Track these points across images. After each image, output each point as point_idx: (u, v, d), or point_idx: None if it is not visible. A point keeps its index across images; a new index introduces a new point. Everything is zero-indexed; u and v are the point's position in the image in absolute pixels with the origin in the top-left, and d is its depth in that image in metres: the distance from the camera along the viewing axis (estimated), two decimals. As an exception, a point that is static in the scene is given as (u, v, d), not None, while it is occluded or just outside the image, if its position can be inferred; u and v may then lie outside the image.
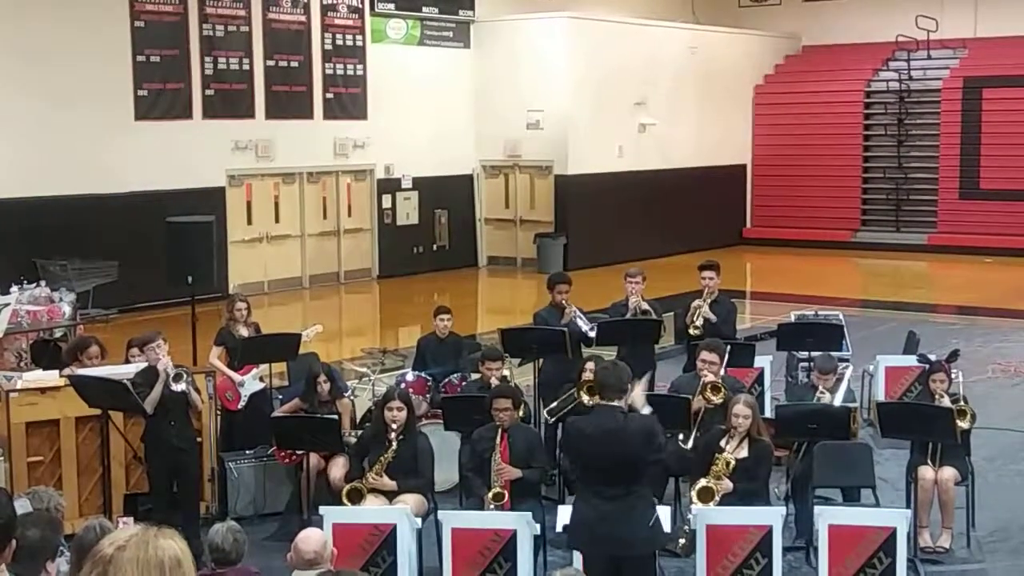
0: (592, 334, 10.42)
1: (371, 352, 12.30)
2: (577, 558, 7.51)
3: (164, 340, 8.74)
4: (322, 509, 7.77)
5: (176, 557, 3.05)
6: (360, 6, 21.60)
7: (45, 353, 12.06)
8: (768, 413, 9.82)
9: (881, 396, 11.20)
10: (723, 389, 8.76)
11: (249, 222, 20.39)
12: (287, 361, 10.95)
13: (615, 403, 6.61)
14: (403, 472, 8.26)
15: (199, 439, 9.09)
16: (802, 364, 11.35)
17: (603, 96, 23.32)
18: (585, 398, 9.11)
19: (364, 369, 11.48)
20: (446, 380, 10.46)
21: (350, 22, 21.49)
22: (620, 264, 15.71)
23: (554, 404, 9.61)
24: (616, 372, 6.77)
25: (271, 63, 20.26)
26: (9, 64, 16.85)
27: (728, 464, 7.84)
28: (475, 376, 10.15)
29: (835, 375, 9.37)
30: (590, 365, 9.30)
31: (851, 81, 26.58)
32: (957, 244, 24.23)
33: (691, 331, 10.69)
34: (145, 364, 8.79)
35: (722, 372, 9.20)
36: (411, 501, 8.11)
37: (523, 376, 11.05)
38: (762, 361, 11.16)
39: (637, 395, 6.84)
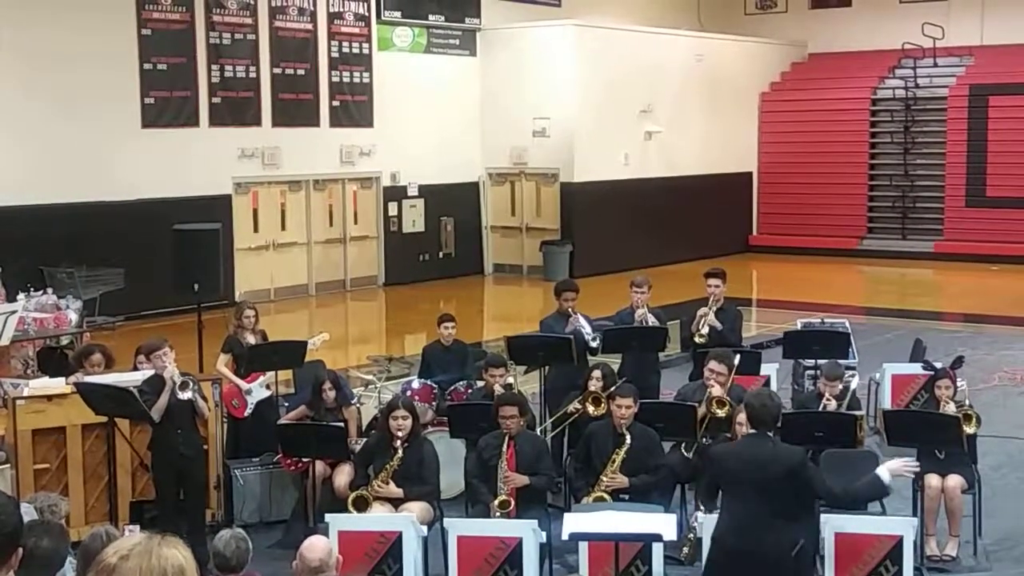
0: (595, 344, 10.40)
1: (377, 360, 12.30)
2: (583, 564, 7.52)
3: (170, 348, 8.75)
4: (328, 516, 7.78)
5: (179, 566, 3.05)
6: (366, 14, 21.64)
7: (52, 360, 12.05)
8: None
9: (887, 404, 11.18)
10: (728, 403, 8.72)
11: (255, 229, 20.42)
12: (293, 369, 10.95)
13: (768, 434, 6.67)
14: (409, 480, 8.27)
15: (205, 446, 9.10)
16: (808, 372, 11.33)
17: (609, 104, 23.34)
18: (590, 408, 9.10)
19: (370, 377, 11.48)
20: (452, 388, 10.45)
21: (356, 30, 21.52)
22: (626, 272, 15.71)
23: (554, 417, 9.60)
24: (771, 409, 6.72)
25: (278, 71, 20.30)
26: (16, 71, 16.89)
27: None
28: (480, 383, 10.15)
29: (842, 382, 9.36)
30: (596, 374, 9.31)
31: (857, 89, 26.57)
32: (963, 252, 24.21)
33: (696, 339, 10.67)
34: (151, 371, 8.80)
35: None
36: (417, 509, 8.11)
37: (529, 383, 11.05)
38: (768, 369, 11.13)
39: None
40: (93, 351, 9.80)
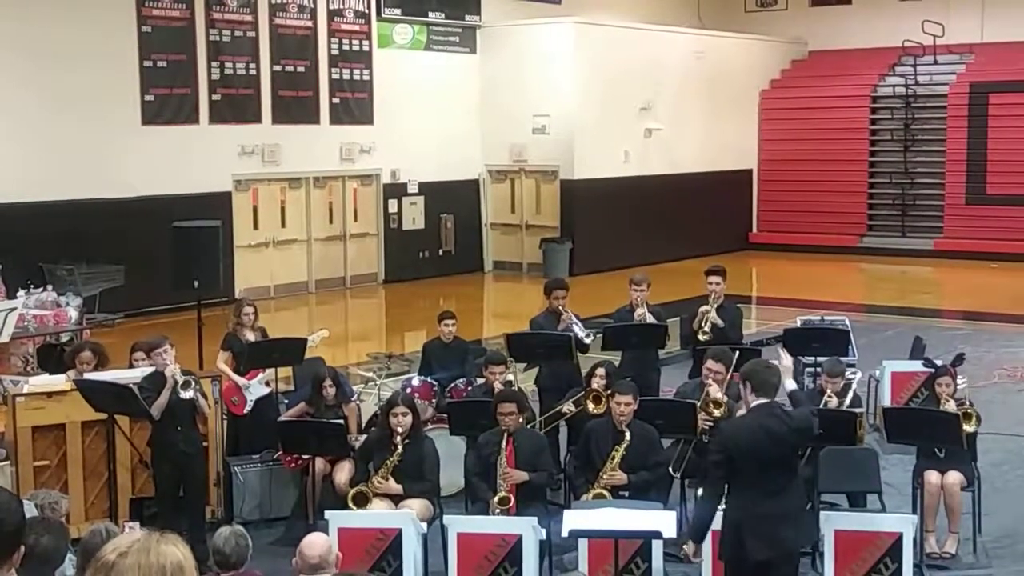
0: (588, 341, 10.40)
1: (377, 357, 12.29)
2: (583, 561, 7.52)
3: (171, 345, 8.75)
4: (328, 513, 7.79)
5: (178, 563, 3.05)
6: (367, 11, 21.63)
7: (51, 357, 12.07)
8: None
9: (887, 401, 11.18)
10: (724, 405, 8.70)
11: (255, 227, 20.41)
12: (293, 366, 10.95)
13: (772, 400, 6.69)
14: (409, 477, 8.27)
15: (205, 443, 9.10)
16: (808, 369, 11.34)
17: (609, 101, 23.33)
18: (590, 406, 9.10)
19: (370, 374, 11.48)
20: (452, 385, 10.46)
21: (356, 27, 21.52)
22: (626, 269, 15.69)
23: (544, 416, 9.61)
24: (772, 371, 6.79)
25: (278, 68, 20.29)
26: (17, 68, 16.89)
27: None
28: (480, 381, 10.15)
29: (843, 379, 9.35)
30: (600, 372, 9.30)
31: (857, 86, 26.56)
32: (963, 249, 24.21)
33: (700, 336, 10.65)
34: (150, 368, 8.79)
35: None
36: (416, 506, 8.12)
37: (529, 381, 11.05)
38: (768, 366, 11.12)
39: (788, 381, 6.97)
40: (83, 348, 9.78)
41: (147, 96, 18.55)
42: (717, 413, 8.65)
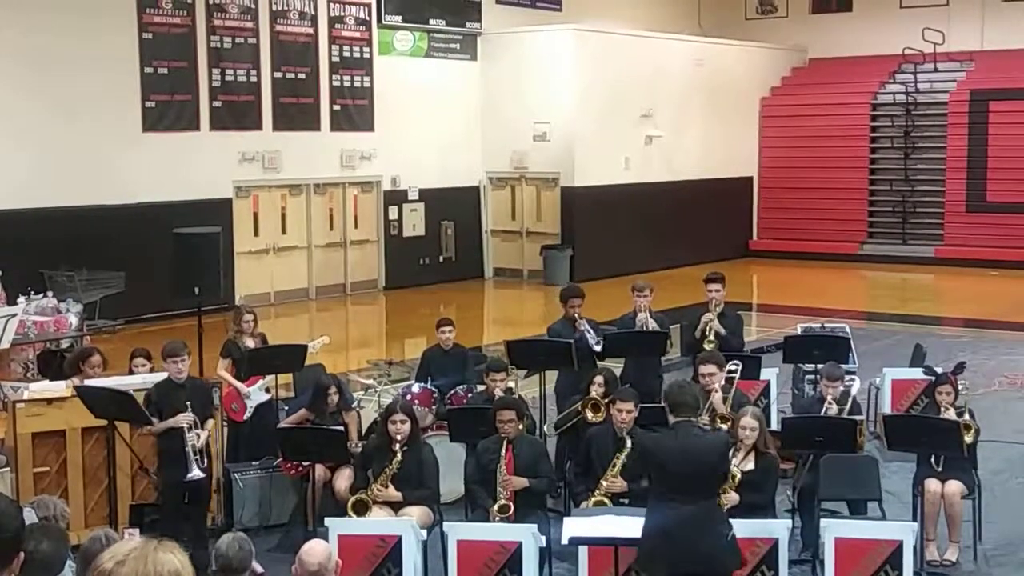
0: (598, 348, 10.41)
1: (377, 364, 12.29)
2: (583, 568, 7.51)
3: (189, 354, 8.71)
4: (327, 520, 7.77)
5: (175, 571, 3.04)
6: (367, 18, 21.66)
7: (52, 364, 12.07)
8: (774, 425, 9.81)
9: (888, 409, 11.18)
10: (729, 419, 8.66)
11: (256, 233, 20.43)
12: (293, 372, 10.94)
13: (692, 419, 6.88)
14: (408, 484, 8.26)
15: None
16: (808, 377, 11.33)
17: (609, 108, 23.35)
18: (589, 415, 9.09)
19: (370, 381, 11.47)
20: (452, 392, 10.45)
21: (357, 34, 21.54)
22: (627, 276, 15.71)
23: (559, 418, 9.59)
24: (690, 391, 7.04)
25: (278, 75, 20.32)
26: (17, 75, 16.91)
27: (734, 477, 7.82)
28: (481, 388, 10.14)
29: (842, 383, 9.34)
30: (599, 379, 9.28)
31: (858, 94, 26.58)
32: (964, 256, 24.21)
33: (706, 345, 10.63)
34: (150, 374, 8.78)
35: (723, 383, 9.16)
36: (416, 513, 8.11)
37: (529, 388, 11.05)
38: (768, 373, 11.14)
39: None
40: (92, 352, 9.80)
41: (148, 103, 18.57)
42: (723, 427, 8.62)
